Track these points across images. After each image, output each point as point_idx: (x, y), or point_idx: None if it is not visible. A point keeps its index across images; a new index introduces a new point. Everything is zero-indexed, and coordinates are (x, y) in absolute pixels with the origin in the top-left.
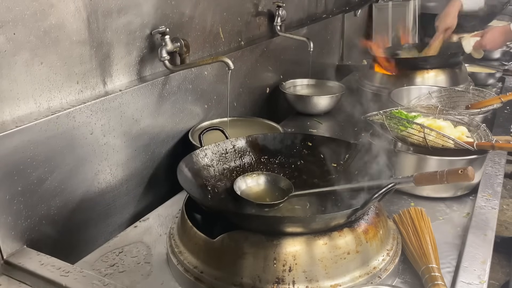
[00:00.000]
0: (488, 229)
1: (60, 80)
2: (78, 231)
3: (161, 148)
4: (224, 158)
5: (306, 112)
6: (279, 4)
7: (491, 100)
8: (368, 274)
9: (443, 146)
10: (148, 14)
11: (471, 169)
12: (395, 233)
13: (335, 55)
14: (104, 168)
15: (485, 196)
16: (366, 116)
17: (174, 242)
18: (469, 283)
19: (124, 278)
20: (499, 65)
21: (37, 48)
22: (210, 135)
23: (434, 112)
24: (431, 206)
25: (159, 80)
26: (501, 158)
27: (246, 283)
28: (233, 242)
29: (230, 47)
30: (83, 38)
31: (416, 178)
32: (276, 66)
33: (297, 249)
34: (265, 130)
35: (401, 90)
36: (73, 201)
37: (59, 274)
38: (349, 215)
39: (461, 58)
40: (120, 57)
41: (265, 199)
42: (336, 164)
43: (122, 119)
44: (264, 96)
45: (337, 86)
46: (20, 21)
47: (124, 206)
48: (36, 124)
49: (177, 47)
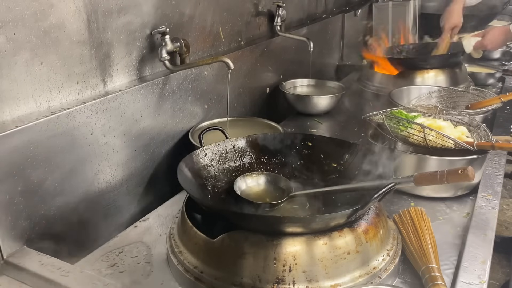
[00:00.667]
0: (488, 229)
1: (60, 80)
2: (78, 231)
3: (161, 148)
4: (224, 158)
5: (306, 112)
6: (279, 4)
7: (491, 100)
8: (368, 274)
9: (443, 146)
10: (148, 14)
11: (471, 169)
12: (395, 233)
13: (335, 55)
14: (104, 168)
15: (485, 196)
16: (366, 116)
17: (174, 242)
18: (469, 283)
19: (124, 278)
20: (499, 65)
21: (37, 48)
22: (210, 135)
23: (434, 112)
24: (431, 206)
25: (159, 80)
26: (501, 158)
27: (246, 283)
28: (233, 242)
29: (230, 47)
30: (83, 38)
31: (416, 178)
32: (276, 66)
33: (297, 249)
34: (265, 130)
35: (401, 90)
36: (73, 201)
37: (59, 274)
38: (349, 215)
39: (461, 58)
40: (120, 57)
41: (265, 199)
42: (336, 164)
43: (122, 119)
44: (264, 96)
45: (337, 86)
46: (20, 21)
47: (124, 206)
48: (36, 124)
49: (177, 47)
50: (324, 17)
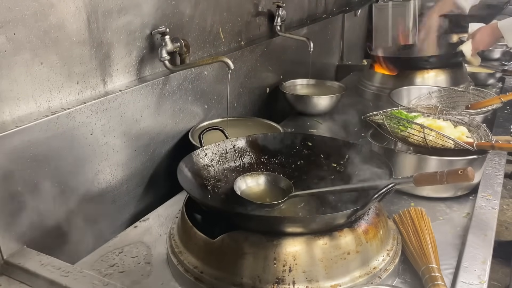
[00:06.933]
0: (488, 229)
1: (60, 80)
2: (78, 231)
3: (161, 148)
4: (224, 158)
5: (306, 112)
6: (279, 4)
7: (491, 100)
8: (368, 274)
9: (443, 146)
10: (148, 14)
11: (471, 170)
12: (395, 233)
13: (335, 55)
14: (104, 168)
15: (485, 196)
16: (366, 116)
17: (174, 242)
18: (469, 283)
19: (124, 278)
20: (499, 65)
21: (37, 48)
22: (210, 135)
23: (434, 112)
24: (431, 206)
25: (159, 80)
26: (501, 158)
27: (246, 283)
28: (233, 242)
29: (230, 47)
30: (83, 38)
31: (416, 179)
32: (276, 66)
33: (297, 249)
34: (265, 130)
35: (401, 90)
36: (73, 201)
37: (59, 274)
38: (349, 215)
39: (461, 58)
40: (120, 57)
41: (265, 199)
42: (336, 164)
43: (122, 119)
44: (264, 96)
45: (337, 86)
46: (20, 21)
47: (124, 206)
48: (36, 124)
49: (177, 47)
50: (324, 17)
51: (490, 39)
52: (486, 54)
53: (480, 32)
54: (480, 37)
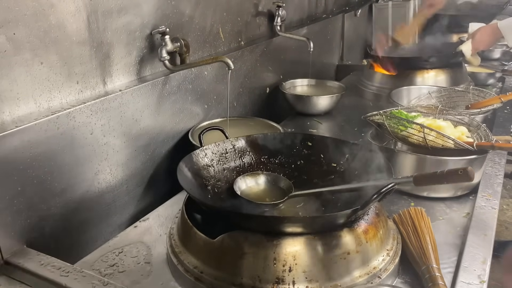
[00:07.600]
0: (488, 229)
1: (60, 80)
2: (78, 231)
3: (161, 148)
4: (224, 158)
5: (306, 112)
6: (279, 4)
7: (491, 100)
8: (368, 274)
9: (443, 146)
10: (148, 14)
11: (471, 170)
12: (395, 233)
13: (335, 55)
14: (104, 168)
15: (485, 196)
16: (366, 116)
17: (174, 242)
18: (469, 283)
19: (124, 278)
20: (499, 65)
21: (37, 48)
22: (210, 135)
23: (434, 112)
24: (431, 206)
25: (159, 80)
26: (501, 158)
27: (246, 283)
28: (233, 242)
29: (230, 47)
30: (83, 38)
31: (416, 178)
32: (276, 66)
33: (297, 249)
34: (265, 130)
35: (401, 90)
36: (73, 201)
37: (59, 274)
38: (349, 215)
39: (461, 58)
40: (120, 57)
41: (265, 199)
42: (336, 164)
43: (122, 119)
44: (264, 96)
45: (337, 86)
46: (20, 21)
47: (124, 206)
48: (36, 124)
49: (177, 47)
50: (324, 17)
51: (490, 39)
52: (486, 54)
53: (480, 32)
54: (480, 37)
